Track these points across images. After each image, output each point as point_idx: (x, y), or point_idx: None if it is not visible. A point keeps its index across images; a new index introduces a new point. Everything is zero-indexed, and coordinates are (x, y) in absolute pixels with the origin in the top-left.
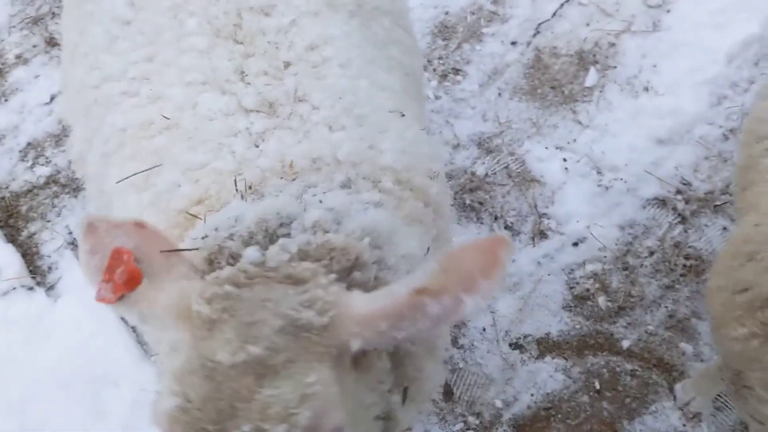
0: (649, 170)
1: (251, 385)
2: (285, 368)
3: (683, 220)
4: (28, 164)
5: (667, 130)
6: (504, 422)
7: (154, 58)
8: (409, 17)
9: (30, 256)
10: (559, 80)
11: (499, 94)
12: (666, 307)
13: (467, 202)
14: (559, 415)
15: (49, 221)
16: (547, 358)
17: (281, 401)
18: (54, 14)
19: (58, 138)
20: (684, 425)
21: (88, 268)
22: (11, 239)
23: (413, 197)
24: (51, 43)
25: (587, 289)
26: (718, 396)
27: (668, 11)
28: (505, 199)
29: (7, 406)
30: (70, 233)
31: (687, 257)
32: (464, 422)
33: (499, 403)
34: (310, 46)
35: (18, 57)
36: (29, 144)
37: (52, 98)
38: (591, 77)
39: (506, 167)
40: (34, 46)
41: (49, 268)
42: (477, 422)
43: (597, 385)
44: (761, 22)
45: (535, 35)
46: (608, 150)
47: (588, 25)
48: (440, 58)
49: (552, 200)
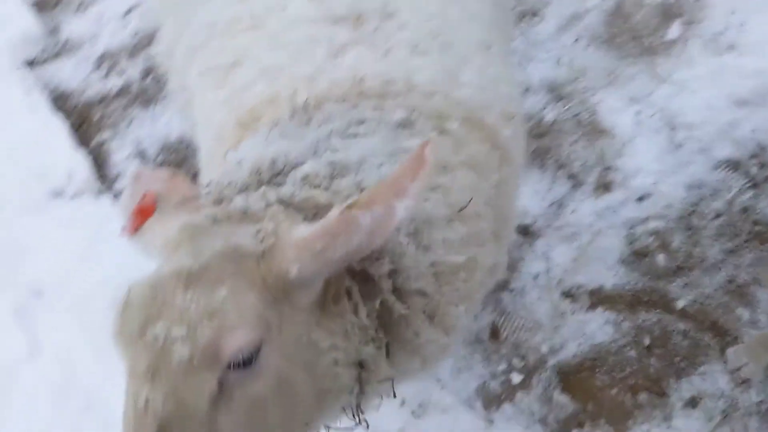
0: (725, 131)
1: (176, 291)
2: (210, 284)
3: (755, 185)
4: (103, 74)
5: (748, 91)
6: (548, 368)
7: None
8: None
9: (99, 163)
10: (640, 31)
11: (576, 40)
12: (726, 271)
13: (533, 147)
14: (605, 367)
15: (119, 130)
16: (598, 310)
17: (193, 309)
18: None
19: (133, 50)
20: (732, 389)
21: (124, 209)
22: (82, 145)
23: (480, 138)
24: None
25: (647, 246)
26: None
27: None
28: (571, 147)
29: (71, 303)
30: (140, 143)
31: (755, 223)
32: (508, 363)
33: (544, 349)
34: None
35: None
36: (104, 54)
37: (129, 10)
38: (674, 30)
39: (576, 116)
40: None
41: (117, 176)
42: (521, 365)
43: (646, 342)
44: None
45: None
46: (684, 107)
47: None
48: None
49: (620, 153)
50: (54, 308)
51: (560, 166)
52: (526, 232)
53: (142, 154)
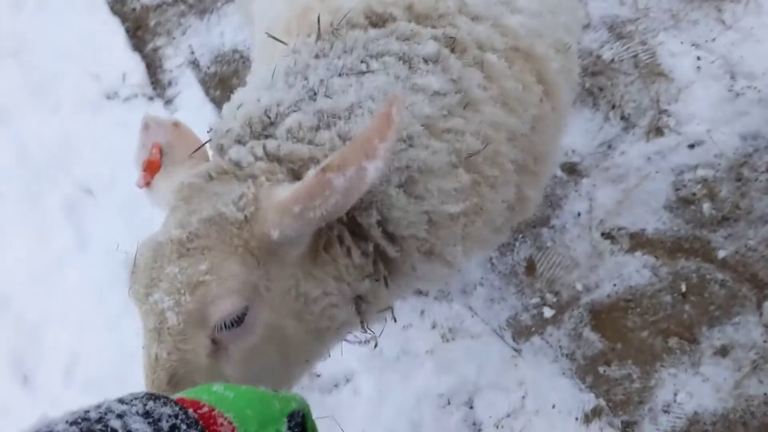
0: None
1: (169, 260)
2: (198, 253)
3: None
4: None
5: None
6: (581, 305)
7: None
8: None
9: (153, 68)
10: None
11: None
12: None
13: (587, 85)
14: (638, 309)
15: (174, 38)
16: (637, 253)
17: (177, 281)
18: None
19: None
20: (765, 341)
21: (137, 160)
22: (137, 49)
23: (523, 71)
24: None
25: (693, 194)
26: None
27: None
28: (626, 88)
29: (118, 202)
30: (192, 53)
31: None
32: (541, 297)
33: (579, 287)
34: None
35: None
36: None
37: None
38: None
39: (635, 56)
40: None
41: (169, 83)
42: (554, 300)
43: (683, 288)
44: None
45: None
46: (747, 55)
47: None
48: None
49: (676, 98)
50: (102, 206)
51: (613, 107)
52: (573, 170)
53: (194, 63)
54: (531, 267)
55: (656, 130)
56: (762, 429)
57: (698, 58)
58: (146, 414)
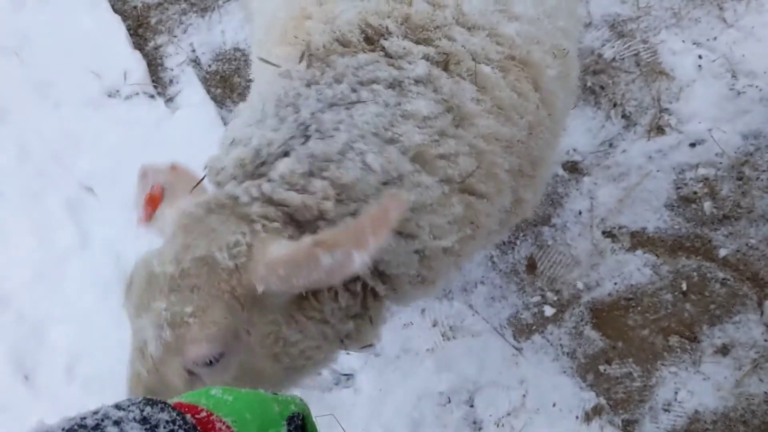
0: None
1: (161, 293)
2: (187, 291)
3: None
4: None
5: None
6: (582, 304)
7: None
8: None
9: (154, 66)
10: None
11: None
12: None
13: (588, 84)
14: (639, 308)
15: (175, 36)
16: (638, 251)
17: (163, 315)
18: None
19: None
20: (766, 340)
21: (136, 204)
22: (138, 47)
23: (518, 79)
24: None
25: (695, 192)
26: None
27: None
28: (628, 87)
29: (120, 200)
30: (194, 51)
31: None
32: (542, 296)
33: (580, 285)
34: None
35: None
36: None
37: None
38: None
39: (636, 55)
40: None
41: (171, 81)
42: (555, 298)
43: (684, 287)
44: None
45: None
46: (749, 54)
47: None
48: None
49: (678, 96)
50: (103, 204)
51: (614, 105)
52: (574, 168)
53: (196, 61)
54: (532, 265)
55: (657, 129)
56: (762, 427)
57: (699, 57)
58: (143, 420)
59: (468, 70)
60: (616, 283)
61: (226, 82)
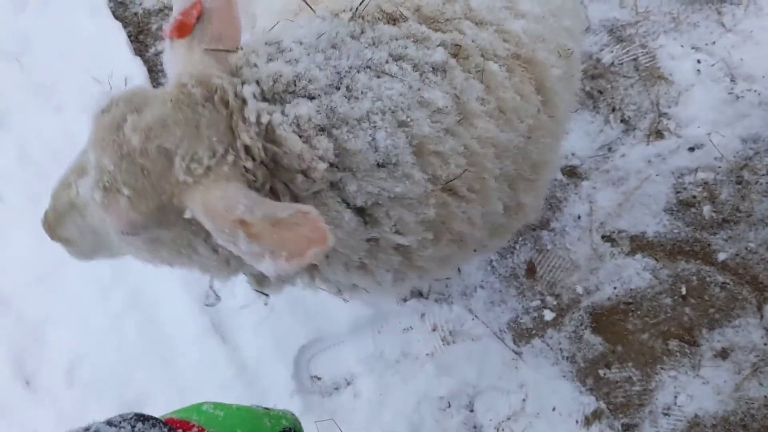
0: None
1: (116, 149)
2: (137, 169)
3: None
4: None
5: None
6: (581, 308)
7: None
8: None
9: (155, 72)
10: None
11: None
12: None
13: (587, 88)
14: (639, 312)
15: None
16: (638, 256)
17: (110, 173)
18: None
19: None
20: (765, 344)
21: (175, 6)
22: (139, 54)
23: (523, 79)
24: None
25: (694, 196)
26: None
27: None
28: (626, 91)
29: None
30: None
31: None
32: (542, 300)
33: (579, 289)
34: None
35: None
36: None
37: None
38: None
39: (635, 59)
40: None
41: None
42: (554, 303)
43: (683, 291)
44: None
45: None
46: (747, 58)
47: None
48: None
49: (676, 101)
50: None
51: (613, 109)
52: (573, 173)
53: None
54: (531, 270)
55: (656, 133)
56: (762, 431)
57: (698, 61)
58: None
59: (476, 66)
60: (615, 288)
61: None
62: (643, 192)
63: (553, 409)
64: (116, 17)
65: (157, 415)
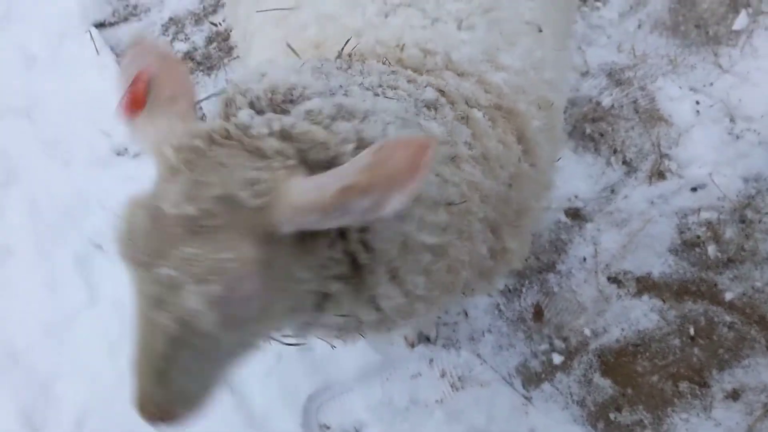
0: None
1: (180, 237)
2: (212, 232)
3: None
4: (168, 39)
5: None
6: (590, 351)
7: None
8: None
9: None
10: (706, 19)
11: (639, 26)
12: None
13: (587, 131)
14: (647, 354)
15: None
16: (644, 297)
17: (200, 262)
18: None
19: (198, 17)
20: None
21: (121, 78)
22: None
23: (504, 129)
24: None
25: (698, 236)
26: None
27: None
28: (627, 133)
29: None
30: (200, 108)
31: None
32: (550, 344)
33: (587, 332)
34: None
35: None
36: (171, 19)
37: None
38: (741, 20)
39: (634, 102)
40: None
41: None
42: (563, 346)
43: (691, 331)
44: None
45: None
46: (746, 98)
47: None
48: None
49: (677, 142)
50: (112, 261)
51: (615, 152)
52: (576, 215)
53: (202, 118)
54: (538, 313)
55: (658, 174)
56: None
57: (697, 102)
58: None
59: (462, 112)
60: (623, 329)
61: None
62: (647, 233)
63: None
64: None
65: None
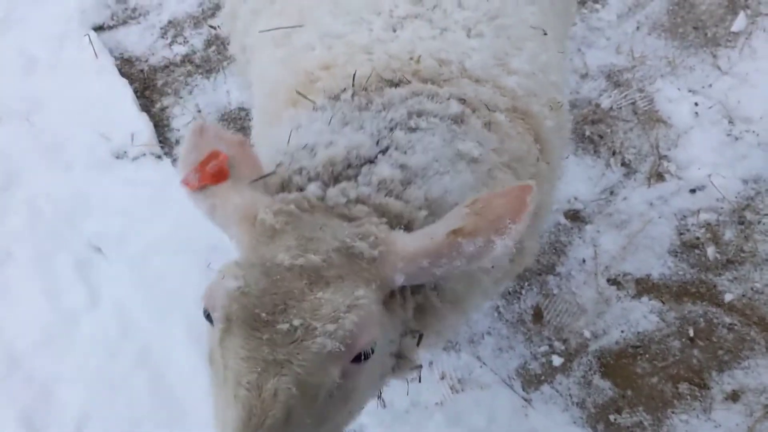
0: None
1: (304, 288)
2: (336, 281)
3: None
4: (167, 41)
5: None
6: (589, 352)
7: None
8: None
9: (161, 127)
10: (704, 21)
11: (638, 27)
12: None
13: (587, 133)
14: (647, 355)
15: (181, 97)
16: (644, 298)
17: (332, 305)
18: None
19: (197, 20)
20: None
21: (185, 159)
22: (145, 109)
23: (523, 130)
24: None
25: (697, 238)
26: None
27: None
28: (626, 135)
29: (128, 260)
30: (200, 111)
31: None
32: (550, 345)
33: (587, 334)
34: None
35: None
36: (170, 22)
37: None
38: (739, 22)
39: (633, 103)
40: None
41: (177, 141)
42: (562, 348)
43: (691, 333)
44: None
45: None
46: (744, 100)
47: None
48: None
49: (676, 143)
50: (113, 264)
51: (614, 153)
52: (576, 217)
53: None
54: (538, 315)
55: (657, 176)
56: None
57: (696, 104)
58: None
59: (484, 117)
60: (623, 331)
61: None
62: (646, 234)
63: None
64: (122, 74)
65: None
